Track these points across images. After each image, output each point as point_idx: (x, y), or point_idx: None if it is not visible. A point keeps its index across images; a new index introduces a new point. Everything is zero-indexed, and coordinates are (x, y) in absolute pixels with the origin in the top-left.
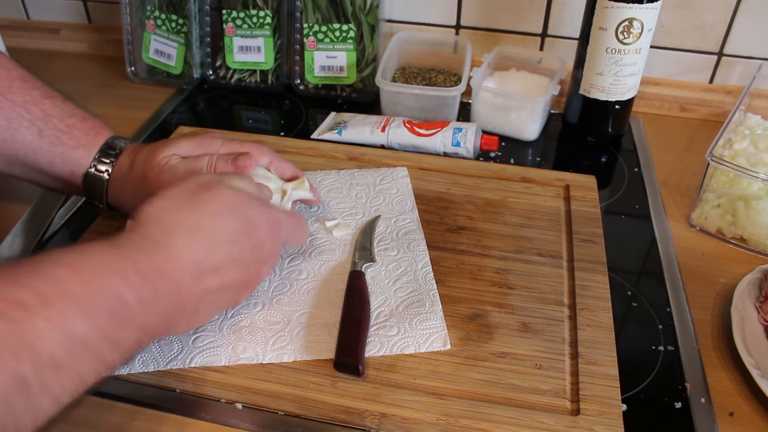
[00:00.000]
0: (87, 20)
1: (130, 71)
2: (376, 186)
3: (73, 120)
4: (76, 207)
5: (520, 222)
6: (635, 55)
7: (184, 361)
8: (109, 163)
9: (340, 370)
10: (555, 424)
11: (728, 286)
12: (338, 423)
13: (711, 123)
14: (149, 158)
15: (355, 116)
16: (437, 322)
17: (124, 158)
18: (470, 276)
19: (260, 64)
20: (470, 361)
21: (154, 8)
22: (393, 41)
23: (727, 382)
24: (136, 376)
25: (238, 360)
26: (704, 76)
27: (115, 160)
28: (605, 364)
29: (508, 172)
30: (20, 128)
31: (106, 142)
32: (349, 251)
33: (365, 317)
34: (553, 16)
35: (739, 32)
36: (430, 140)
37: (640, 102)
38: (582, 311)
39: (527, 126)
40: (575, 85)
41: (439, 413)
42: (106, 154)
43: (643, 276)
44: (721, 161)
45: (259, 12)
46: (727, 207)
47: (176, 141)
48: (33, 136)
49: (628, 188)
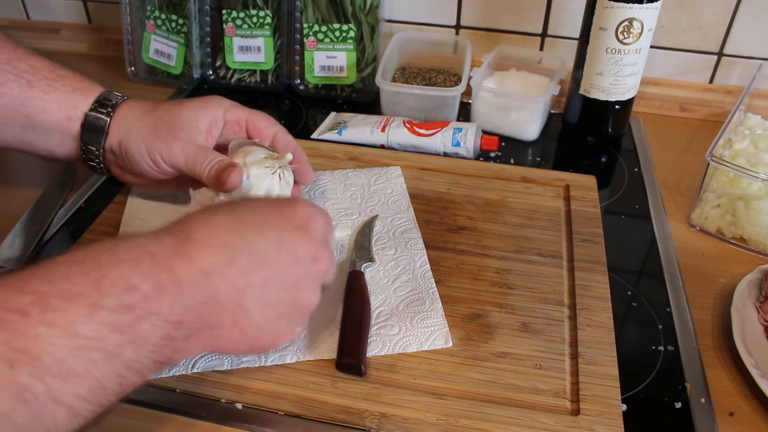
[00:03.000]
0: (87, 20)
1: (130, 71)
2: (370, 186)
3: (63, 72)
4: (76, 207)
5: (520, 222)
6: (635, 55)
7: (186, 367)
8: (106, 112)
9: (342, 370)
10: (555, 424)
11: (728, 286)
12: (338, 423)
13: (711, 123)
14: (176, 113)
15: (355, 116)
16: (438, 320)
17: (129, 108)
18: (470, 276)
19: (260, 64)
20: (470, 361)
21: (154, 8)
22: (393, 41)
23: (727, 382)
24: None
25: (241, 363)
26: (704, 76)
27: (112, 111)
28: (605, 364)
29: (508, 172)
30: (6, 82)
31: (102, 93)
32: (347, 251)
33: (366, 317)
34: (553, 16)
35: (739, 32)
36: (430, 140)
37: (640, 102)
38: (582, 311)
39: (527, 126)
40: (575, 85)
41: (439, 413)
42: (102, 104)
43: (643, 276)
44: (721, 161)
45: (259, 12)
46: (727, 207)
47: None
48: (21, 88)
49: (628, 188)
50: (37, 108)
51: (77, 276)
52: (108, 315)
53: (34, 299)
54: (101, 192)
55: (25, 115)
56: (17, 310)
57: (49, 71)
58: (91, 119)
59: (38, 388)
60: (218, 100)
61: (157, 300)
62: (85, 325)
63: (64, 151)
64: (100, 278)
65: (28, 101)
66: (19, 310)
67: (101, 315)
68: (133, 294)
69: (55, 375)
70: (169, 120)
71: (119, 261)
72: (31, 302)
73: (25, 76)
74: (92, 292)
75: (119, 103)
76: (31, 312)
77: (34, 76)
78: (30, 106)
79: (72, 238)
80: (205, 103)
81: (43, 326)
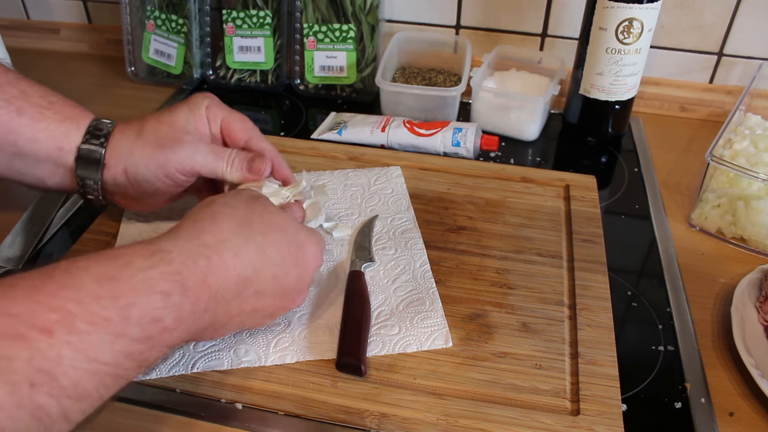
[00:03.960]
0: (87, 20)
1: (130, 71)
2: (370, 186)
3: (54, 99)
4: (76, 207)
5: (520, 222)
6: (635, 55)
7: (186, 367)
8: (99, 143)
9: (342, 370)
10: (555, 424)
11: (728, 286)
12: (338, 423)
13: (711, 123)
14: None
15: (355, 116)
16: (438, 320)
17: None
18: (470, 276)
19: (260, 64)
20: (470, 361)
21: (154, 8)
22: (393, 41)
23: (727, 382)
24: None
25: (241, 363)
26: (704, 76)
27: (105, 141)
28: (605, 364)
29: (508, 172)
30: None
31: (91, 123)
32: (347, 251)
33: (366, 317)
34: (553, 16)
35: (739, 32)
36: (430, 140)
37: (640, 102)
38: (582, 311)
39: (527, 126)
40: (575, 85)
41: (439, 413)
42: (94, 135)
43: (643, 276)
44: (721, 161)
45: (259, 12)
46: (727, 207)
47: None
48: (10, 115)
49: (628, 188)
50: (27, 136)
51: (107, 298)
52: (128, 344)
53: (60, 318)
54: None
55: (13, 143)
56: (42, 328)
57: (40, 97)
58: (84, 152)
59: (53, 408)
60: (200, 96)
61: (173, 331)
62: (106, 352)
63: (56, 181)
64: (129, 305)
65: (17, 128)
66: (44, 328)
67: (122, 343)
68: (156, 325)
69: (70, 396)
70: (169, 129)
71: (152, 290)
72: (58, 321)
73: (15, 102)
74: (120, 320)
75: (110, 131)
76: (56, 331)
77: (24, 102)
78: (20, 134)
79: (72, 238)
80: (190, 103)
81: (66, 348)
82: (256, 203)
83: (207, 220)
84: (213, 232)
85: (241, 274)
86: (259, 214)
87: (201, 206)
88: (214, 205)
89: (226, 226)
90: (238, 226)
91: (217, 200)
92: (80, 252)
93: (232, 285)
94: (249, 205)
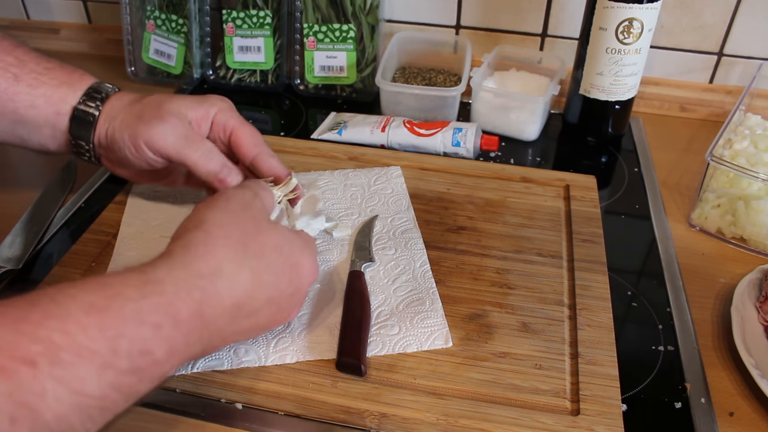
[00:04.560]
0: (87, 20)
1: (130, 71)
2: (370, 186)
3: (51, 64)
4: (76, 207)
5: (520, 222)
6: (635, 55)
7: (186, 367)
8: (95, 106)
9: (342, 370)
10: (555, 424)
11: (728, 286)
12: (338, 423)
13: (711, 123)
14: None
15: (355, 116)
16: (438, 320)
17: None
18: (470, 276)
19: (260, 64)
20: (470, 361)
21: (154, 8)
22: (393, 41)
23: (727, 382)
24: None
25: (241, 363)
26: (704, 76)
27: (101, 104)
28: (605, 364)
29: (508, 172)
30: None
31: (92, 85)
32: (347, 251)
33: (366, 317)
34: (553, 16)
35: (739, 32)
36: (430, 140)
37: (640, 102)
38: (582, 311)
39: (527, 126)
40: (575, 85)
41: (439, 413)
42: (91, 97)
43: (643, 276)
44: (721, 161)
45: (259, 12)
46: (727, 207)
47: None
48: (8, 82)
49: (628, 188)
50: (25, 103)
51: (94, 329)
52: (116, 376)
53: (44, 349)
54: (101, 192)
55: (13, 110)
56: (25, 360)
57: (36, 64)
58: (78, 113)
59: None
60: (216, 99)
61: (165, 363)
62: (93, 385)
63: (57, 145)
64: (118, 337)
65: (15, 95)
66: (27, 360)
67: (110, 375)
68: (146, 358)
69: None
70: (157, 106)
71: (142, 322)
72: (41, 352)
73: (11, 69)
74: (107, 353)
75: (110, 94)
76: (40, 363)
77: (20, 70)
78: (18, 101)
79: (72, 238)
80: (201, 99)
81: (50, 381)
82: (249, 222)
83: (200, 244)
84: (206, 259)
85: (235, 302)
86: (253, 236)
87: (192, 226)
88: (206, 225)
89: (221, 253)
90: (233, 253)
91: (208, 218)
92: (80, 252)
93: (227, 313)
94: (242, 225)
